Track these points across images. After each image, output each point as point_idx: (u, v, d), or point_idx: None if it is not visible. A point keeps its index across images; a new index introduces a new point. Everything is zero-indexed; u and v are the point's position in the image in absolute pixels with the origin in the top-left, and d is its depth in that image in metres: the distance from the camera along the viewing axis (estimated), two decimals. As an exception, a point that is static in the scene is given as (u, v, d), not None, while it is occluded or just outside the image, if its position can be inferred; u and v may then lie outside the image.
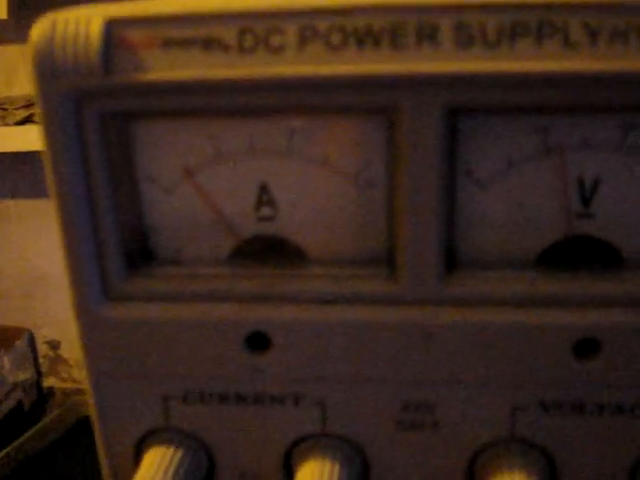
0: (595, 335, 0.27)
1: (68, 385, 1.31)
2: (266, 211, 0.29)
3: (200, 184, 0.28)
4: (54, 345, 1.36)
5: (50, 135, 0.26)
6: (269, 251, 0.29)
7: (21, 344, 1.26)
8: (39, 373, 1.26)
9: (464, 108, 0.25)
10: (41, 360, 1.29)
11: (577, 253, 0.28)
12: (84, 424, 1.11)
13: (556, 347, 0.27)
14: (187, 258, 0.29)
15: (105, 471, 0.31)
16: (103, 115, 0.27)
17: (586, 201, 0.27)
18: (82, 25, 0.25)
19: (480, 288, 0.27)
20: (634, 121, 0.26)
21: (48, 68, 0.25)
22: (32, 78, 0.26)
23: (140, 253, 0.29)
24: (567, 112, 0.26)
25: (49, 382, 1.31)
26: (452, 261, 0.28)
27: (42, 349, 1.32)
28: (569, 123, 0.26)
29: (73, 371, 1.35)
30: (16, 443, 1.14)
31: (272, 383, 0.29)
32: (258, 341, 0.28)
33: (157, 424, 0.30)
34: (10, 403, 1.22)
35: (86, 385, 0.30)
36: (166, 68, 0.25)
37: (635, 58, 0.24)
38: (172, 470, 0.29)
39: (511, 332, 0.27)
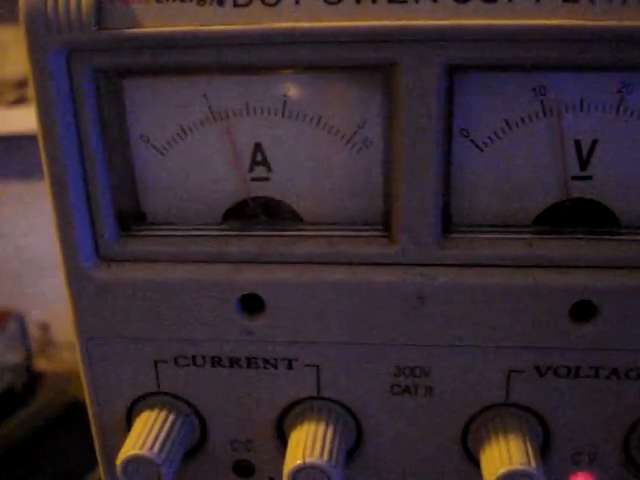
0: (592, 298, 0.26)
1: (58, 367, 1.30)
2: (260, 171, 0.28)
3: (193, 142, 0.28)
4: (44, 327, 1.35)
5: (41, 92, 0.26)
6: (263, 212, 0.28)
7: (11, 327, 1.25)
8: (30, 356, 1.25)
9: (462, 65, 0.25)
10: (31, 343, 1.28)
11: (574, 215, 0.28)
12: (75, 406, 1.10)
13: (553, 310, 0.27)
14: (180, 219, 0.29)
15: (97, 437, 0.31)
16: (95, 71, 0.26)
17: (583, 163, 0.27)
18: (74, -21, 0.25)
19: (476, 250, 0.27)
20: (631, 81, 0.26)
21: (39, 23, 0.25)
22: (23, 34, 0.26)
23: (132, 214, 0.29)
24: (565, 70, 0.25)
25: (39, 364, 1.31)
26: (448, 223, 0.27)
27: (32, 331, 1.31)
28: (567, 83, 0.26)
29: (63, 353, 1.34)
30: (7, 426, 1.14)
31: (265, 346, 0.28)
32: (251, 303, 0.28)
33: (148, 388, 0.30)
34: (1, 386, 1.21)
35: (77, 361, 0.30)
36: (159, 22, 0.25)
37: (633, 15, 0.23)
38: (163, 434, 0.29)
39: (507, 294, 0.27)
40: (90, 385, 0.30)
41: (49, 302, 1.25)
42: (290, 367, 0.29)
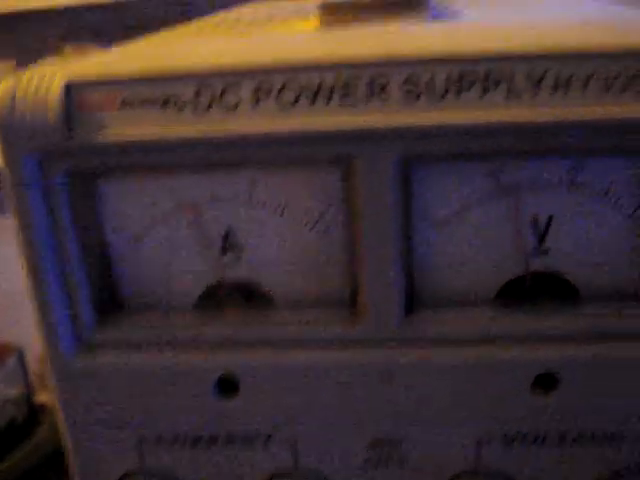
0: (553, 370, 0.27)
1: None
2: (231, 256, 0.29)
3: (164, 231, 0.29)
4: (43, 361, 1.36)
5: (16, 193, 0.27)
6: (236, 295, 0.30)
7: (11, 361, 1.26)
8: (30, 389, 1.26)
9: (416, 158, 0.26)
10: (31, 376, 1.29)
11: (535, 289, 0.29)
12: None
13: (516, 382, 0.28)
14: (156, 305, 0.30)
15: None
16: (67, 174, 0.27)
17: (541, 238, 0.28)
18: (43, 88, 0.26)
19: (440, 327, 0.28)
20: (582, 162, 0.27)
21: (11, 130, 0.26)
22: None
23: (110, 302, 0.30)
24: (516, 156, 0.27)
25: (40, 397, 1.31)
26: (412, 301, 0.28)
27: (32, 365, 1.32)
28: (520, 165, 0.27)
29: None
30: (9, 459, 1.15)
31: (243, 424, 0.29)
32: (227, 385, 0.29)
33: (132, 467, 0.31)
34: (3, 420, 1.22)
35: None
36: (125, 128, 0.26)
37: (577, 106, 0.24)
38: (149, 511, 0.30)
39: (471, 370, 0.28)
40: (76, 465, 0.31)
41: (47, 336, 1.26)
42: (267, 443, 0.30)
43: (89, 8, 1.14)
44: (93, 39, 1.20)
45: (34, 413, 1.26)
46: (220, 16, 0.47)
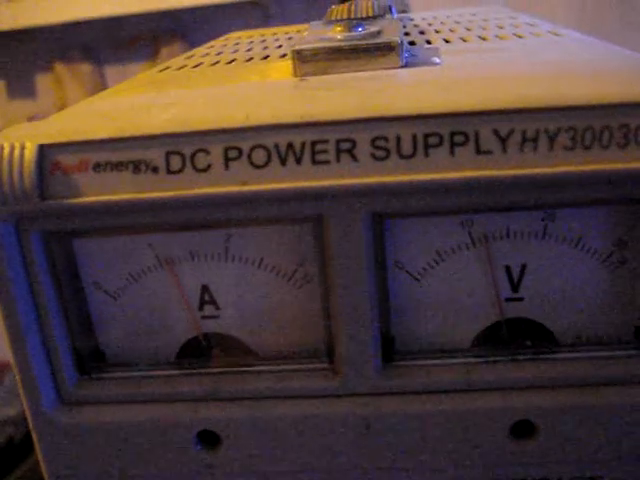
0: (531, 417, 0.28)
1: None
2: (209, 310, 0.29)
3: (143, 287, 0.29)
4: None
5: (-7, 254, 0.27)
6: (215, 349, 0.30)
7: (9, 380, 1.26)
8: (28, 407, 1.26)
9: (386, 213, 0.26)
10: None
11: (512, 335, 0.29)
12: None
13: (493, 430, 0.28)
14: (136, 359, 0.30)
15: None
16: (43, 234, 0.27)
17: (515, 286, 0.28)
18: (16, 151, 0.26)
19: (417, 378, 0.28)
20: (553, 212, 0.27)
21: (-15, 195, 0.26)
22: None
23: (91, 357, 0.30)
24: (487, 210, 0.27)
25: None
26: (389, 351, 0.29)
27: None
28: (492, 217, 0.27)
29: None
30: (9, 478, 1.15)
31: (225, 477, 0.30)
32: (208, 438, 0.29)
33: (118, 519, 0.31)
34: (1, 439, 1.22)
35: None
36: (98, 191, 0.26)
37: (545, 162, 0.25)
38: None
39: (449, 418, 0.28)
40: (62, 517, 0.31)
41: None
42: (250, 494, 0.30)
43: (79, 25, 1.14)
44: (84, 56, 1.20)
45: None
46: (201, 51, 0.48)
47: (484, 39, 0.38)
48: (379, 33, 0.33)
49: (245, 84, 0.32)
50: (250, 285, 0.29)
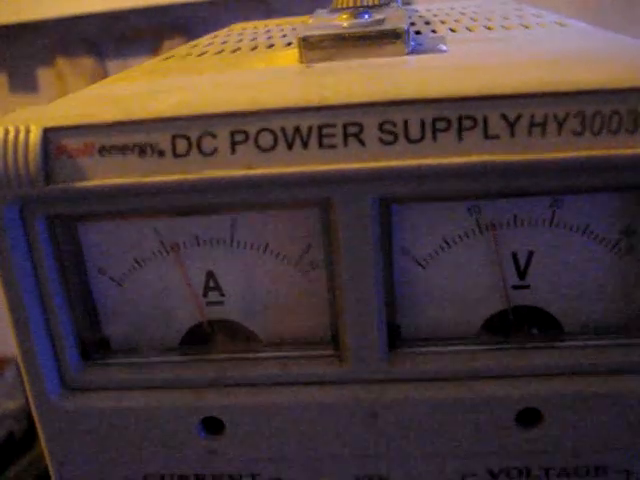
0: (536, 405, 0.28)
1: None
2: (214, 296, 0.29)
3: (148, 273, 0.29)
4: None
5: (-2, 238, 0.27)
6: (220, 335, 0.30)
7: (9, 374, 1.26)
8: (28, 401, 1.26)
9: (394, 198, 0.26)
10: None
11: (518, 322, 0.29)
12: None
13: (500, 418, 0.28)
14: (140, 345, 0.30)
15: None
16: (48, 218, 0.27)
17: (521, 274, 0.28)
18: (21, 135, 0.26)
19: (423, 364, 0.28)
20: (561, 199, 0.27)
21: (-10, 179, 0.26)
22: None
23: (95, 343, 0.30)
24: (495, 196, 0.27)
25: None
26: (395, 338, 0.29)
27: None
28: (499, 203, 0.27)
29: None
30: (9, 473, 1.15)
31: (229, 463, 0.30)
32: (212, 425, 0.29)
33: (121, 506, 0.31)
34: (1, 433, 1.22)
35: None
36: (104, 175, 0.26)
37: (553, 147, 0.25)
38: None
39: (455, 406, 0.28)
40: (65, 503, 0.31)
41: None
42: (254, 481, 0.30)
43: (81, 19, 1.14)
44: (86, 51, 1.20)
45: (33, 426, 1.26)
46: (205, 41, 0.47)
47: (490, 29, 0.38)
48: (385, 21, 0.32)
49: (251, 70, 0.32)
50: (255, 271, 0.29)
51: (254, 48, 0.40)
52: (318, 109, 0.25)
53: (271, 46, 0.40)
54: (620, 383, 0.27)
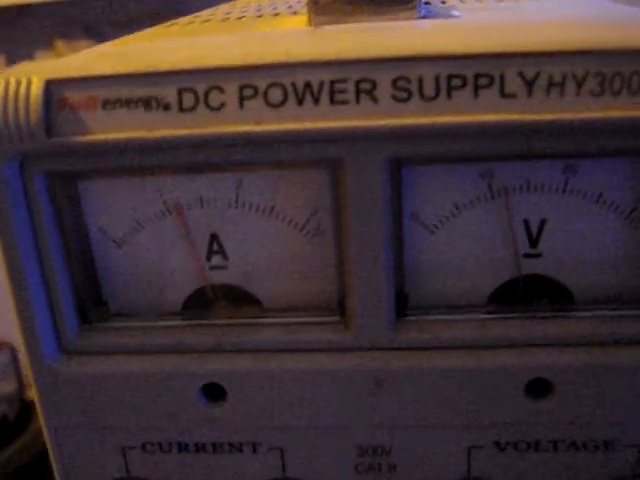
0: (546, 376, 0.27)
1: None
2: (217, 260, 0.29)
3: (150, 235, 0.28)
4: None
5: (-3, 196, 0.26)
6: (223, 299, 0.29)
7: (3, 358, 1.25)
8: (22, 385, 1.25)
9: (406, 159, 0.25)
10: (23, 372, 1.28)
11: (528, 292, 0.28)
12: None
13: (508, 388, 0.27)
14: (140, 309, 0.29)
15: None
16: (49, 175, 0.26)
17: (533, 242, 0.28)
18: (23, 87, 0.25)
19: (431, 333, 0.27)
20: (575, 165, 0.26)
21: (-10, 132, 0.25)
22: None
23: (93, 306, 0.29)
24: (509, 158, 0.26)
25: (32, 394, 1.31)
26: (403, 306, 0.28)
27: (24, 361, 1.31)
28: (513, 167, 0.27)
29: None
30: (2, 456, 1.14)
31: (230, 432, 0.29)
32: (213, 392, 0.28)
33: (117, 474, 0.30)
34: (-4, 417, 1.21)
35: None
36: (107, 129, 0.25)
37: (571, 107, 0.24)
38: (134, 519, 0.29)
39: (463, 375, 0.27)
40: (60, 471, 0.30)
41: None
42: (255, 451, 0.29)
43: (80, 2, 1.13)
44: (84, 35, 1.19)
45: (26, 410, 1.25)
46: (208, 12, 0.47)
47: (500, 0, 0.37)
48: (396, -16, 0.32)
49: (260, 32, 0.31)
50: (260, 235, 0.28)
51: (260, 16, 0.39)
52: (330, 64, 0.24)
53: (277, 14, 0.39)
54: (632, 355, 0.27)
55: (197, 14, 0.46)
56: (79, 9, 1.15)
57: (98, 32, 1.19)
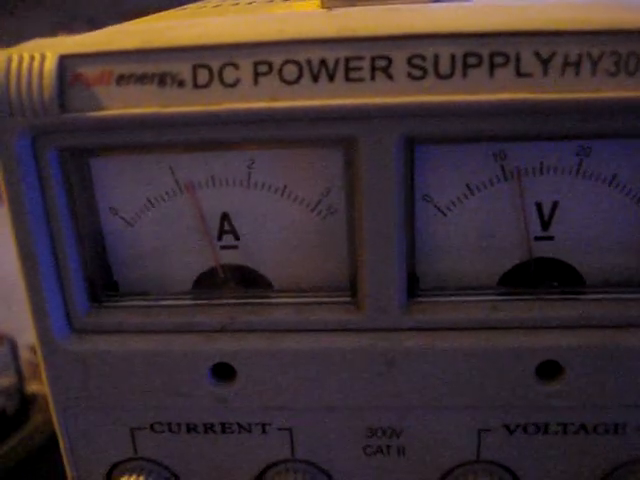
0: (557, 358, 0.27)
1: (50, 391, 1.30)
2: (228, 240, 0.29)
3: (161, 213, 0.28)
4: (35, 350, 1.35)
5: (7, 171, 0.26)
6: (233, 279, 0.29)
7: (2, 350, 1.25)
8: (21, 378, 1.25)
9: (420, 138, 0.25)
10: (23, 365, 1.28)
11: (539, 275, 0.28)
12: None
13: (519, 370, 0.27)
14: (151, 288, 0.29)
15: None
16: (61, 151, 0.26)
17: (545, 224, 0.27)
18: (36, 62, 0.25)
19: (442, 314, 0.27)
20: (589, 145, 0.26)
21: (3, 108, 0.25)
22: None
23: (103, 285, 0.29)
24: (523, 140, 0.26)
25: (32, 387, 1.30)
26: (414, 287, 0.28)
27: (23, 354, 1.31)
28: (526, 148, 0.26)
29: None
30: (1, 450, 1.14)
31: (239, 412, 0.29)
32: (223, 371, 0.28)
33: (126, 455, 0.30)
34: (-6, 410, 1.21)
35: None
36: (121, 104, 0.25)
37: (587, 87, 0.24)
38: (142, 499, 0.29)
39: (473, 356, 0.27)
40: (68, 451, 0.30)
41: (39, 326, 1.25)
42: (264, 431, 0.29)
43: (84, -4, 1.13)
44: (88, 28, 1.19)
45: (26, 403, 1.25)
46: (214, 1, 0.47)
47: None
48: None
49: (275, 12, 0.31)
50: (272, 215, 0.28)
51: (271, 1, 0.39)
52: (346, 41, 0.24)
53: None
54: (643, 338, 0.27)
55: (207, 0, 0.46)
56: (84, 4, 1.15)
57: (102, 25, 1.18)
